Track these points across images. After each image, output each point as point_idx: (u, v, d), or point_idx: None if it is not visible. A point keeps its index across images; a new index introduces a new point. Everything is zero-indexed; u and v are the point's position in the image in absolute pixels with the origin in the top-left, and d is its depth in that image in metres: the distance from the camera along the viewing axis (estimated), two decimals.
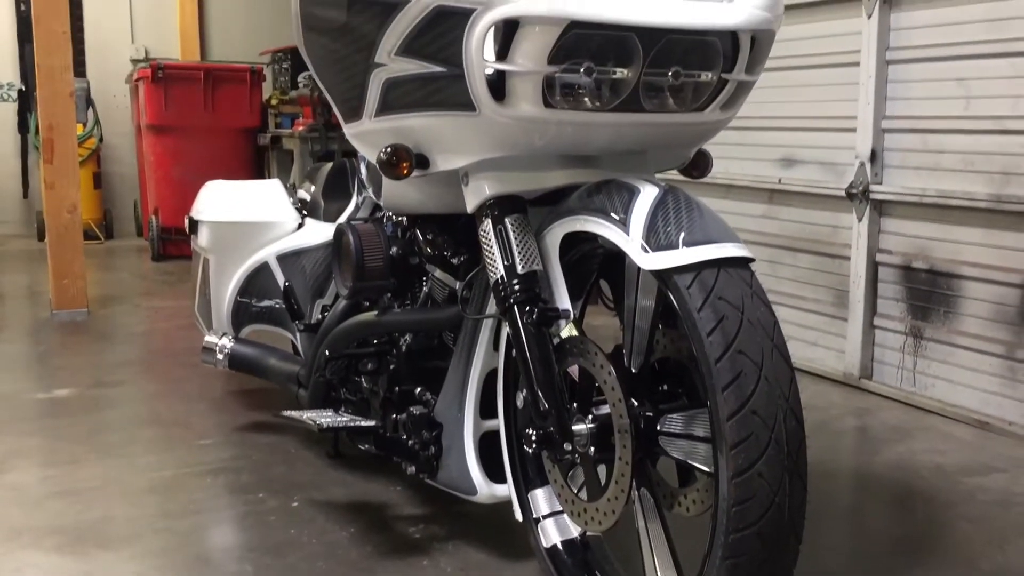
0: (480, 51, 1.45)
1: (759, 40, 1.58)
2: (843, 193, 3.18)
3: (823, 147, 3.32)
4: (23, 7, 6.49)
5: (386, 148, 1.63)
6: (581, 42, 1.46)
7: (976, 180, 2.83)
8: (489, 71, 1.47)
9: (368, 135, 1.73)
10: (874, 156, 3.10)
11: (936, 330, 2.98)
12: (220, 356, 2.65)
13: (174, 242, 5.84)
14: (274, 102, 6.42)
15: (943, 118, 2.90)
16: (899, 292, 3.10)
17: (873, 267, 3.15)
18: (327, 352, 2.18)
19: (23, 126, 6.85)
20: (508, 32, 1.45)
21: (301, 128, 5.80)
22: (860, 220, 3.15)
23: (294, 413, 2.17)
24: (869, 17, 3.06)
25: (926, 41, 2.94)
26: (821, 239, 3.36)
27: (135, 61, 7.04)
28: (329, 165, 2.77)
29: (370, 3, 1.53)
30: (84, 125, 6.33)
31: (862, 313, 3.17)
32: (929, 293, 3.00)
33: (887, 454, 2.63)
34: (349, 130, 1.78)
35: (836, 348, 3.31)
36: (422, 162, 1.66)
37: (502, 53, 1.46)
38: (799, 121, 3.41)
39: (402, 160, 1.64)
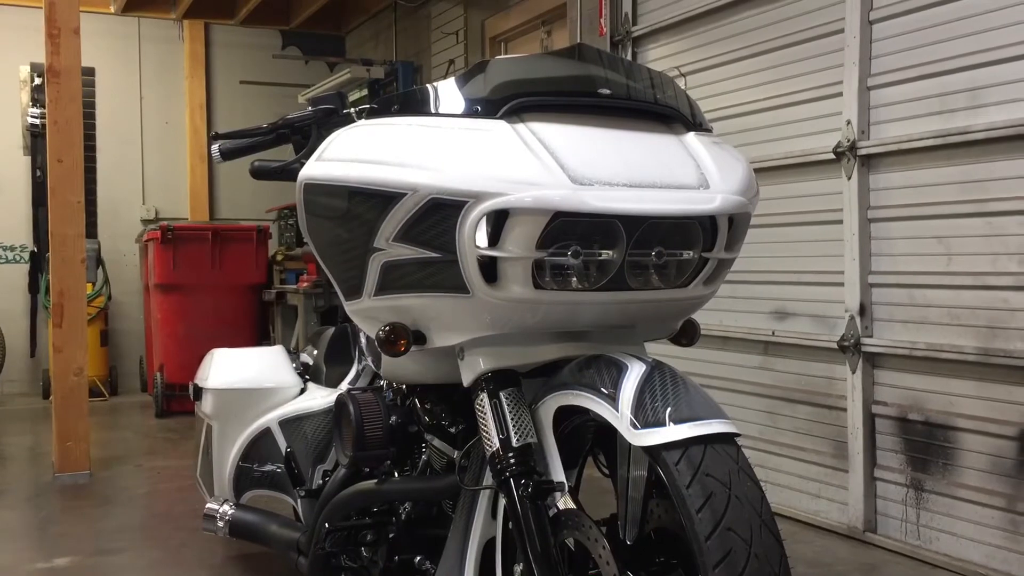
0: (472, 239, 1.54)
1: (736, 221, 1.67)
2: (836, 345, 3.24)
3: (814, 300, 3.40)
4: (39, 173, 6.74)
5: (385, 326, 1.70)
6: (568, 227, 1.55)
7: (963, 334, 2.89)
8: (481, 256, 1.55)
9: (367, 312, 1.80)
10: (863, 310, 3.17)
11: (936, 482, 2.98)
12: (221, 524, 2.65)
13: (178, 398, 5.87)
14: (279, 258, 6.59)
15: (927, 273, 3.00)
16: (897, 444, 3.12)
17: (870, 419, 3.18)
18: (326, 524, 2.19)
19: (33, 286, 7.00)
20: (498, 220, 1.53)
21: (305, 284, 5.93)
22: (854, 372, 3.20)
23: None
24: (849, 178, 3.20)
25: (905, 201, 3.06)
26: (817, 391, 3.40)
27: (146, 221, 7.25)
28: (331, 330, 2.84)
29: (370, 195, 1.63)
30: (93, 284, 6.47)
31: (862, 465, 3.18)
32: (927, 445, 3.02)
33: None
34: (349, 307, 1.85)
35: (839, 500, 3.30)
36: (419, 338, 1.72)
37: (493, 239, 1.55)
38: (790, 275, 3.51)
39: (400, 338, 1.70)
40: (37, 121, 6.62)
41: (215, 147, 1.99)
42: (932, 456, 3.00)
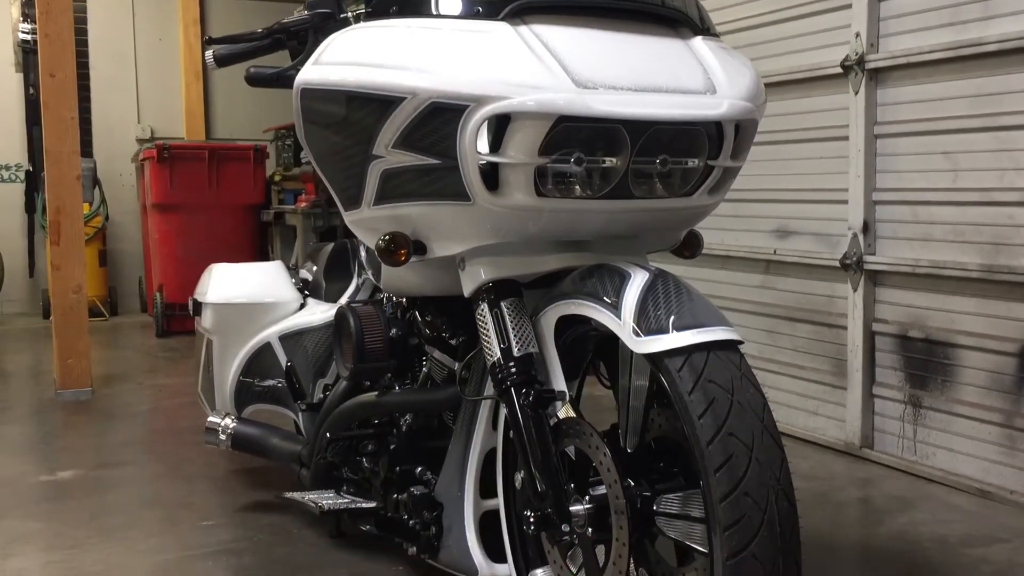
0: (473, 144, 1.51)
1: (743, 128, 1.64)
2: (838, 264, 3.23)
3: (816, 219, 3.37)
4: (31, 90, 6.64)
5: (384, 236, 1.68)
6: (571, 133, 1.52)
7: (967, 250, 2.87)
8: (483, 163, 1.53)
9: (367, 222, 1.78)
10: (866, 227, 3.15)
11: (935, 399, 3.00)
12: (223, 437, 2.67)
13: (178, 318, 5.88)
14: (277, 178, 6.53)
15: (932, 190, 2.96)
16: (897, 361, 3.12)
17: (870, 337, 3.18)
18: (328, 434, 2.21)
19: (30, 206, 6.96)
20: (500, 126, 1.50)
21: (304, 204, 5.89)
22: (855, 290, 3.19)
23: (296, 495, 2.19)
24: (856, 93, 3.14)
25: (912, 116, 3.01)
26: (818, 309, 3.39)
27: (141, 141, 7.18)
28: (330, 246, 2.82)
29: (368, 100, 1.59)
30: (90, 204, 6.43)
31: (861, 382, 3.19)
32: (926, 362, 3.02)
33: (890, 525, 2.62)
34: (349, 217, 1.83)
35: (837, 417, 3.32)
36: (419, 248, 1.71)
37: (495, 145, 1.52)
38: (793, 193, 3.47)
39: (400, 247, 1.68)
40: (28, 36, 6.50)
41: (209, 53, 1.94)
42: (931, 373, 3.01)
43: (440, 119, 1.52)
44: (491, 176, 1.54)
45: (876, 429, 3.19)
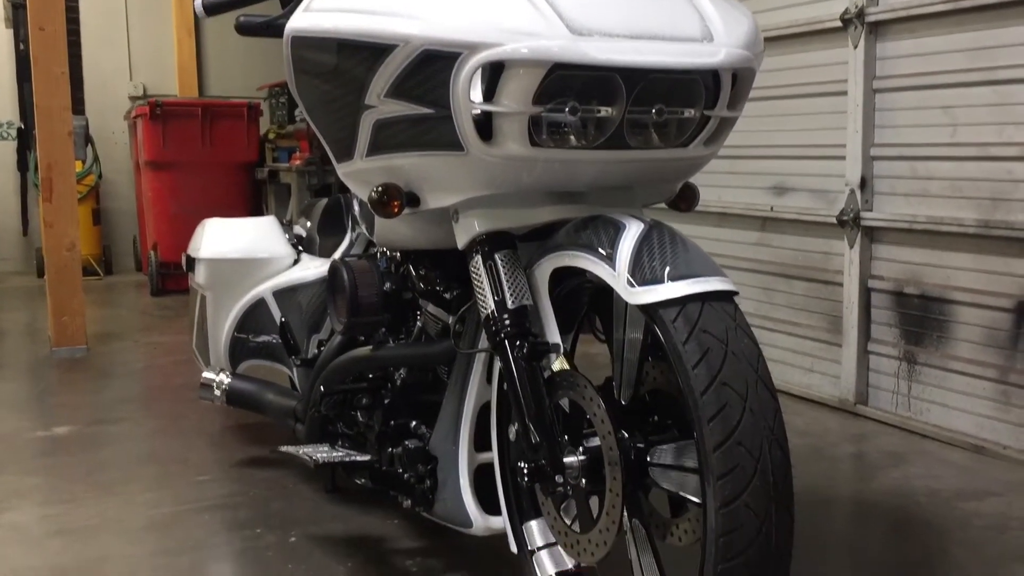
0: (467, 93, 1.48)
1: (740, 77, 1.61)
2: (834, 220, 3.21)
3: (814, 175, 3.35)
4: (22, 46, 6.57)
5: (377, 187, 1.66)
6: (565, 82, 1.50)
7: (964, 206, 2.86)
8: (476, 112, 1.50)
9: (360, 174, 1.76)
10: (864, 183, 3.13)
11: (930, 355, 3.00)
12: (218, 392, 2.66)
13: (173, 277, 5.87)
14: (271, 136, 6.48)
15: (930, 145, 2.94)
16: (892, 318, 3.12)
17: (866, 293, 3.18)
18: (322, 388, 2.20)
19: (22, 164, 6.91)
20: (494, 74, 1.48)
21: (298, 162, 5.85)
22: (852, 247, 3.18)
23: (290, 449, 2.19)
24: (855, 47, 3.11)
25: (912, 70, 2.98)
26: (814, 266, 3.38)
27: (133, 98, 7.11)
28: (324, 201, 2.80)
29: (359, 47, 1.56)
30: (83, 162, 6.39)
31: (856, 339, 3.19)
32: (922, 318, 3.02)
33: (883, 480, 2.64)
34: (341, 169, 1.81)
35: (831, 374, 3.33)
36: (412, 200, 1.69)
37: (488, 94, 1.49)
38: (789, 150, 3.45)
39: (393, 199, 1.67)
40: None
41: (198, 1, 1.90)
42: (926, 329, 3.01)
43: (433, 67, 1.50)
44: (485, 126, 1.51)
45: (871, 385, 3.20)
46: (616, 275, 1.47)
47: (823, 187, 3.31)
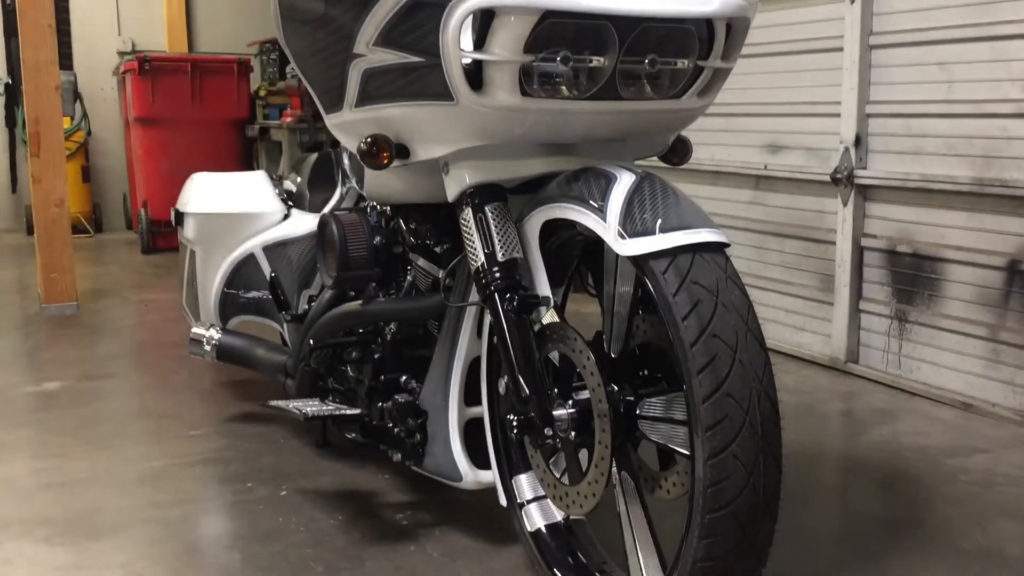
0: (456, 41, 1.46)
1: (734, 27, 1.59)
2: (828, 178, 3.20)
3: (808, 133, 3.33)
4: (8, 1, 6.47)
5: (366, 138, 1.64)
6: (557, 31, 1.47)
7: (958, 164, 2.84)
8: (466, 61, 1.48)
9: (349, 125, 1.74)
10: (858, 141, 3.11)
11: (921, 313, 3.00)
12: (208, 347, 2.66)
13: (163, 234, 5.84)
14: (262, 93, 6.42)
15: (926, 102, 2.92)
16: (884, 276, 3.12)
17: (858, 251, 3.17)
18: (312, 342, 2.20)
19: (10, 120, 6.83)
20: (484, 22, 1.45)
21: (289, 119, 5.79)
22: (845, 205, 3.17)
23: (280, 403, 2.19)
24: (852, 2, 3.07)
25: (909, 26, 2.95)
26: (807, 224, 3.37)
27: (122, 54, 7.02)
28: (314, 156, 2.77)
29: None
30: (71, 119, 6.32)
31: (848, 297, 3.19)
32: (914, 277, 3.02)
33: (872, 436, 2.65)
34: (330, 120, 1.79)
35: (823, 332, 3.33)
36: (402, 152, 1.67)
37: (479, 43, 1.47)
38: (784, 107, 3.42)
39: (382, 150, 1.65)
40: None
41: None
42: (918, 288, 3.01)
43: (422, 14, 1.47)
44: (475, 75, 1.49)
45: (861, 344, 3.21)
46: (607, 226, 1.46)
47: (817, 145, 3.29)
